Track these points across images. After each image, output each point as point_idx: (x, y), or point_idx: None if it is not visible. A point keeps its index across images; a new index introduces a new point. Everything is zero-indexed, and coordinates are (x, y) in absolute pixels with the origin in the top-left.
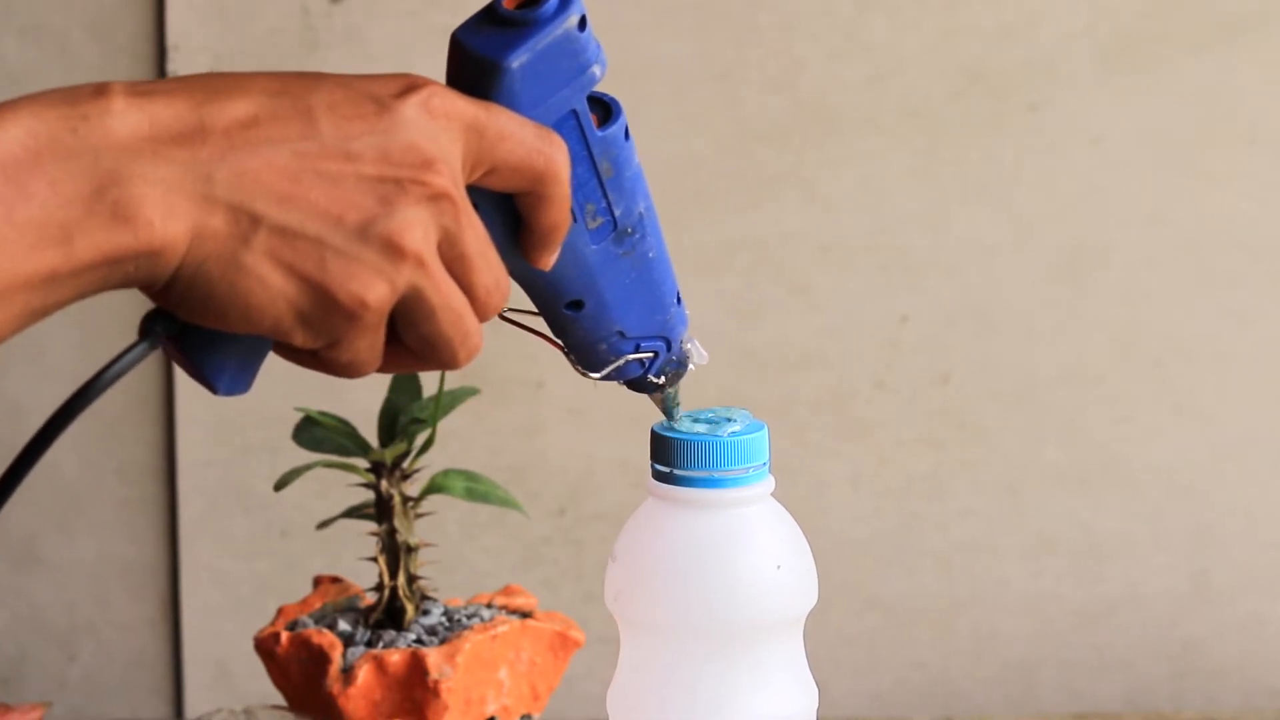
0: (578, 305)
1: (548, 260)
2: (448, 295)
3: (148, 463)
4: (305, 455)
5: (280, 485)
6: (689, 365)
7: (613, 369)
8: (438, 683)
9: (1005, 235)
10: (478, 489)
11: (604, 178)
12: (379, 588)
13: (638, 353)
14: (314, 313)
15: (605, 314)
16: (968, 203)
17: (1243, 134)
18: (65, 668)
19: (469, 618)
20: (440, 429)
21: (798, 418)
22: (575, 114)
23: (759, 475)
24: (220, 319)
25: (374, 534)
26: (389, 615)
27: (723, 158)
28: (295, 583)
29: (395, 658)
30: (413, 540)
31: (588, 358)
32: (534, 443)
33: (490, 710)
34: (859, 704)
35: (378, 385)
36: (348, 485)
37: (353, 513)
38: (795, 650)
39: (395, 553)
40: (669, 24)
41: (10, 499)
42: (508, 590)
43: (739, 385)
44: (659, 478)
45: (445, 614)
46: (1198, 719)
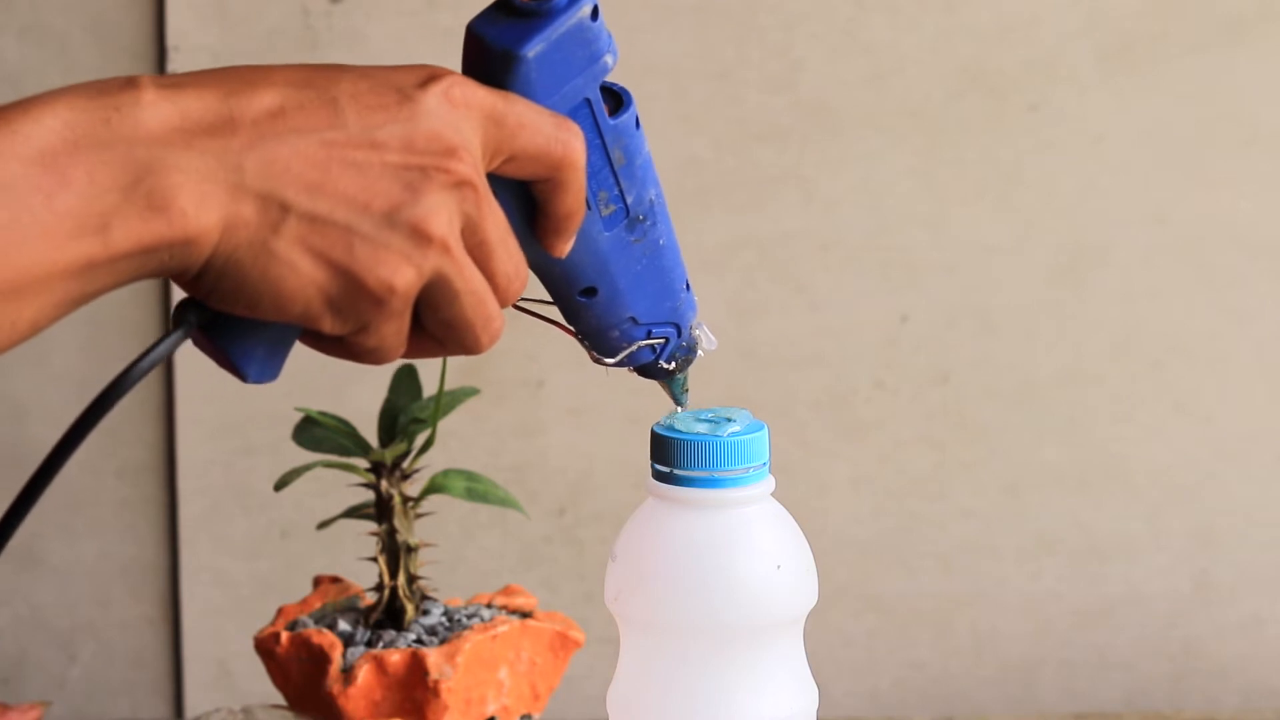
0: (591, 292)
1: (564, 247)
2: (471, 280)
3: (148, 463)
4: (305, 455)
5: (280, 485)
6: (698, 351)
7: (626, 355)
8: (438, 683)
9: (1005, 235)
10: (478, 489)
11: (616, 165)
12: (379, 588)
13: (649, 339)
14: (343, 298)
15: (618, 300)
16: (968, 203)
17: (1243, 134)
18: (65, 668)
19: (469, 618)
20: (440, 429)
21: (798, 418)
22: (589, 102)
23: (759, 475)
24: (252, 306)
25: (374, 534)
26: (389, 615)
27: (723, 158)
28: (295, 583)
29: (395, 658)
30: (413, 540)
31: (601, 344)
32: (534, 443)
33: (490, 710)
34: (859, 704)
35: (378, 385)
36: (348, 485)
37: (353, 513)
38: (795, 650)
39: (395, 553)
40: (669, 24)
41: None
42: (508, 590)
43: (739, 385)
44: (659, 478)
45: (445, 614)
46: (1198, 719)
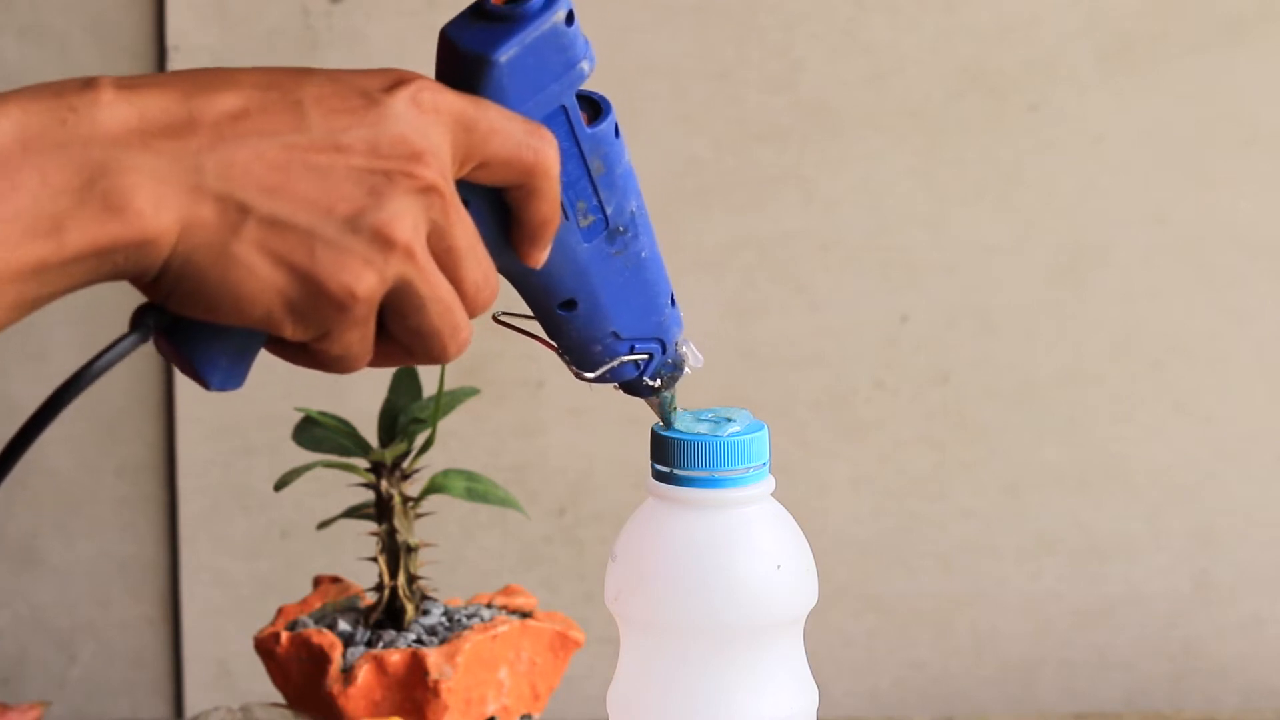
0: (571, 305)
1: (539, 257)
2: (436, 287)
3: (147, 462)
4: (305, 455)
5: (280, 485)
6: (684, 368)
7: (607, 370)
8: (438, 683)
9: (1005, 235)
10: (478, 489)
11: (595, 175)
12: (379, 588)
13: (632, 354)
14: (304, 303)
15: (599, 314)
16: (968, 203)
17: (1243, 134)
18: (65, 668)
19: (469, 618)
20: (440, 429)
21: (798, 418)
22: (565, 110)
23: (759, 475)
24: (211, 310)
25: (374, 534)
26: (389, 615)
27: (723, 158)
28: (295, 583)
29: (395, 658)
30: (413, 540)
31: (582, 359)
32: (534, 443)
33: (490, 710)
34: (858, 704)
35: (378, 385)
36: (348, 485)
37: (353, 513)
38: (795, 650)
39: (395, 553)
40: (669, 24)
41: (6, 498)
42: (508, 590)
43: (739, 385)
44: (659, 478)
45: (445, 614)
46: (1198, 719)
